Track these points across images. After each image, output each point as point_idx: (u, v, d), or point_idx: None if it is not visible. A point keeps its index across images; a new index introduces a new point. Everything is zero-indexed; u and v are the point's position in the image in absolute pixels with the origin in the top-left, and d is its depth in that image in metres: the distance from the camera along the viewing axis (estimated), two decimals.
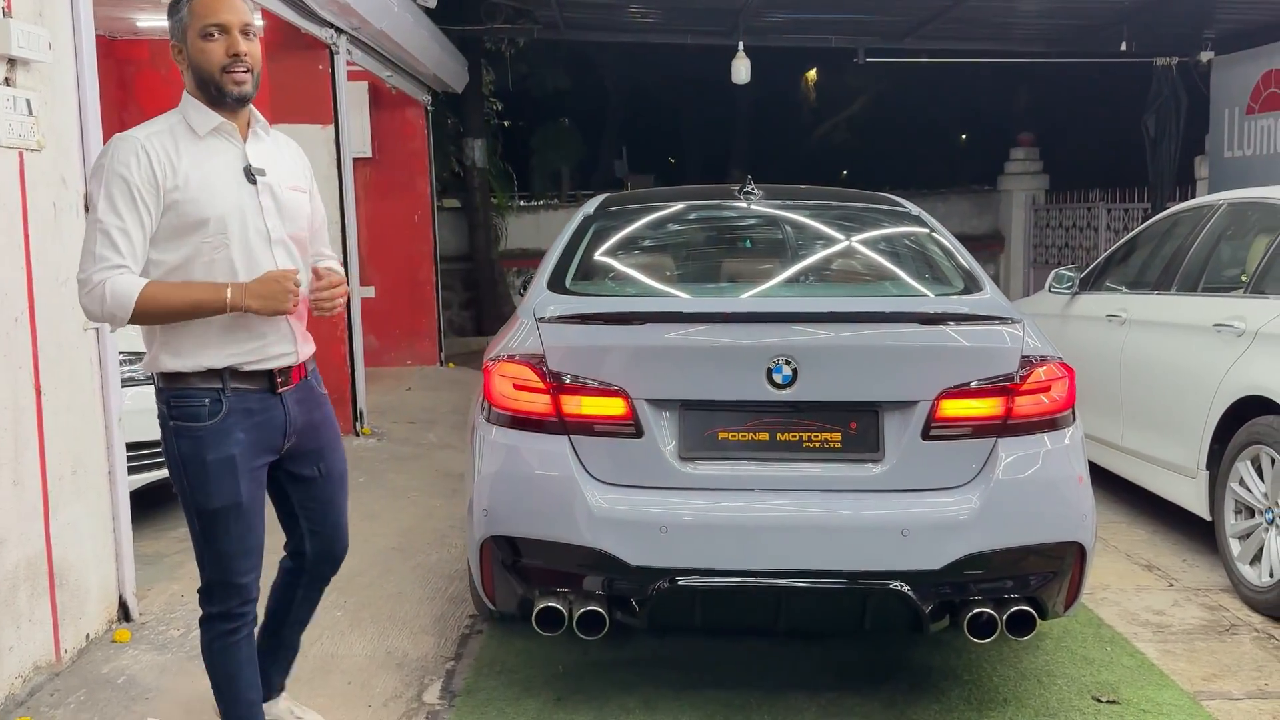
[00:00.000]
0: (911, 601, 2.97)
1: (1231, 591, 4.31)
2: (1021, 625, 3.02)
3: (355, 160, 10.23)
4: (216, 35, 2.53)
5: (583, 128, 22.40)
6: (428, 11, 9.71)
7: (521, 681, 3.53)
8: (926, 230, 4.01)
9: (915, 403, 3.06)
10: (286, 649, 3.07)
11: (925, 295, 3.49)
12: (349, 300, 6.78)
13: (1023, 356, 3.10)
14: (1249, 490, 4.21)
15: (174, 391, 2.57)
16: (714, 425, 3.13)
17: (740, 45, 9.35)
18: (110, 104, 10.70)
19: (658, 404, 3.08)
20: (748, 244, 4.16)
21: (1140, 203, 10.90)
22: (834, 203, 4.28)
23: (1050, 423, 3.12)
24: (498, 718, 3.29)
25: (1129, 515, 5.37)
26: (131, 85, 10.81)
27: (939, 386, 3.05)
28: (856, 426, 3.10)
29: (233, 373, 2.57)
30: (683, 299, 3.48)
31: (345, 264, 7.12)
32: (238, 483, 2.59)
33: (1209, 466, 4.49)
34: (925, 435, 3.06)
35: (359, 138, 10.18)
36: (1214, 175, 9.96)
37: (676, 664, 3.64)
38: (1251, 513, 4.23)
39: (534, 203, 15.51)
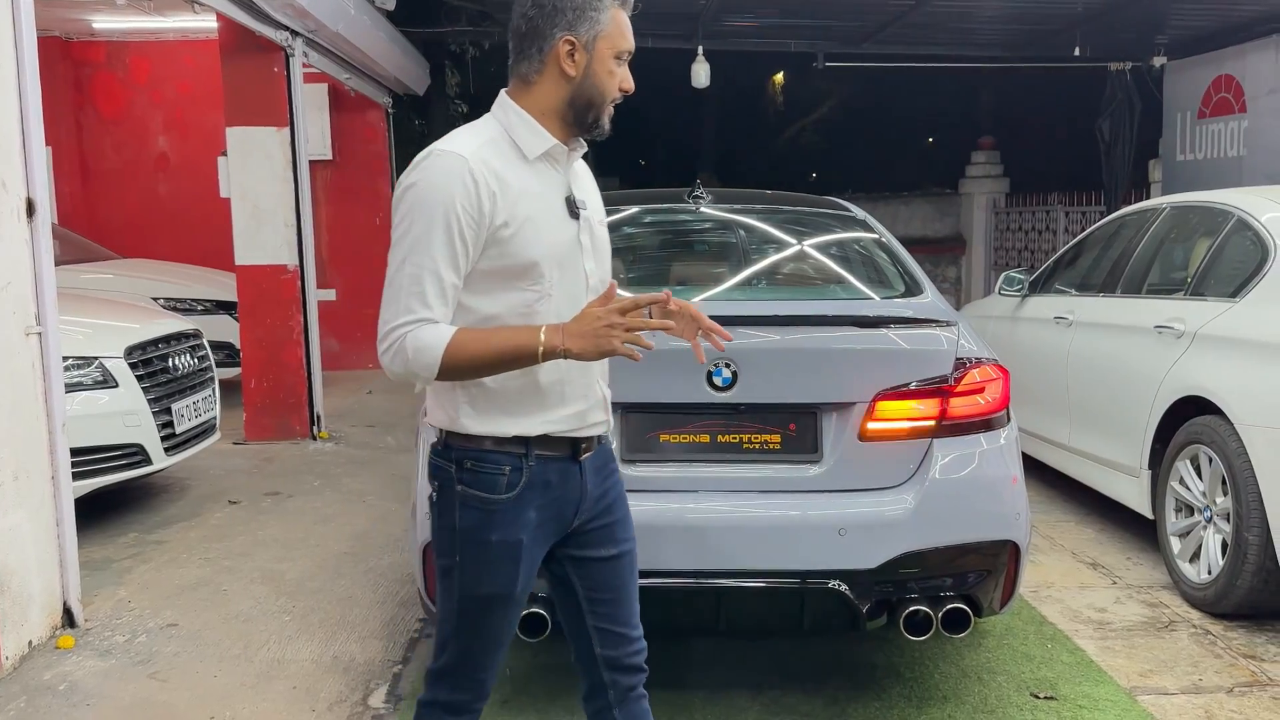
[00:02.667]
0: (849, 600, 3.01)
1: (1173, 589, 4.39)
2: (957, 623, 3.07)
3: (316, 163, 10.22)
4: (624, 61, 2.11)
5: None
6: (388, 14, 9.70)
7: None
8: (871, 234, 4.05)
9: (852, 404, 3.10)
10: None
11: (866, 298, 3.53)
12: (303, 304, 6.78)
13: (957, 359, 3.15)
14: (1188, 489, 4.28)
15: (469, 453, 2.11)
16: (655, 428, 3.16)
17: (699, 49, 9.40)
18: (66, 106, 10.69)
19: None
20: (694, 248, 4.19)
21: (1097, 206, 11.04)
22: (781, 207, 4.32)
23: (985, 423, 3.17)
24: None
25: (1077, 515, 5.45)
26: (88, 87, 10.79)
27: (875, 388, 3.09)
28: (795, 428, 3.14)
29: (540, 440, 2.12)
30: None
31: (302, 266, 7.09)
32: (517, 572, 2.13)
33: (1151, 466, 4.57)
34: (862, 436, 3.10)
35: (319, 140, 10.16)
36: (1167, 178, 10.11)
37: None
38: (1191, 511, 4.30)
39: None
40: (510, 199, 2.00)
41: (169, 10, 7.58)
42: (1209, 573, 4.12)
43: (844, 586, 3.01)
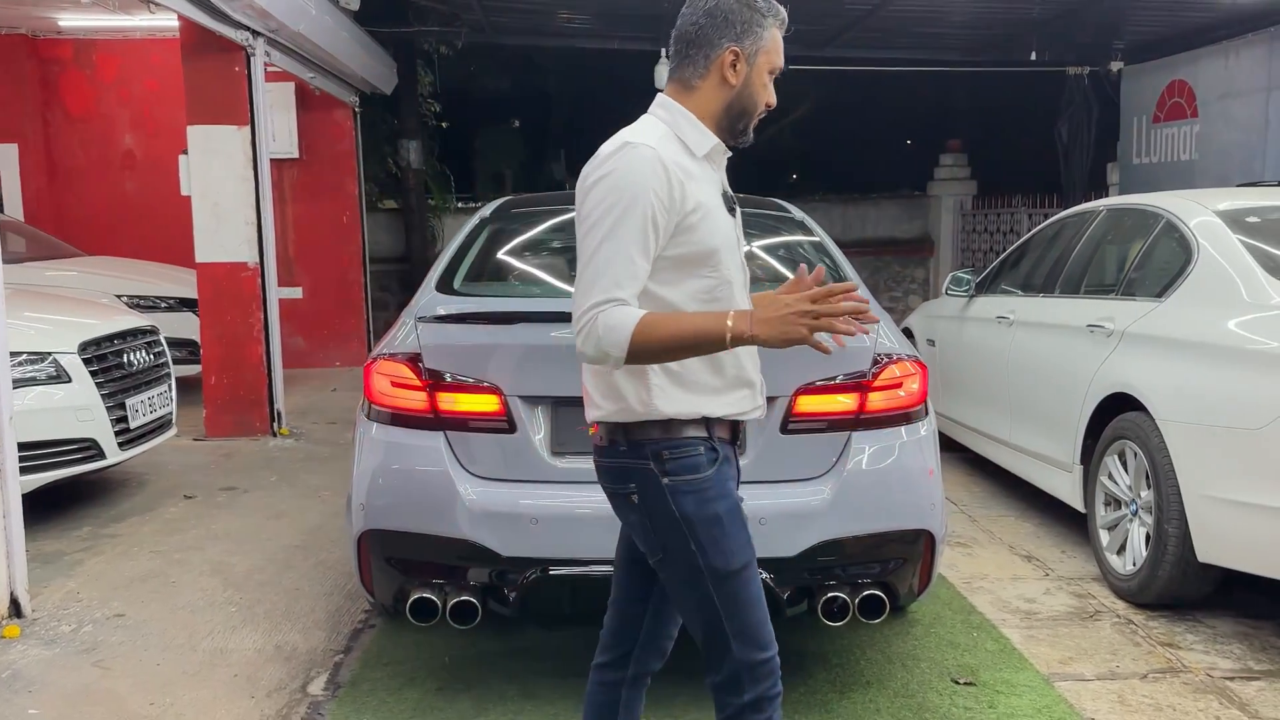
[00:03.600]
0: (769, 587, 3.11)
1: (1101, 581, 4.52)
2: (873, 609, 3.17)
3: (283, 161, 10.30)
4: (773, 78, 2.24)
5: (529, 130, 22.44)
6: (355, 14, 9.75)
7: (406, 673, 3.62)
8: (807, 235, 4.17)
9: (774, 399, 3.20)
10: None
11: None
12: (263, 301, 6.84)
13: (875, 355, 3.25)
14: (1116, 483, 4.41)
15: (662, 444, 2.15)
16: (583, 420, 3.24)
17: (663, 51, 9.49)
18: (33, 103, 10.69)
19: (530, 400, 3.20)
20: None
21: (1057, 208, 11.21)
22: None
23: (902, 417, 3.28)
24: (378, 707, 3.38)
25: (1018, 510, 5.58)
26: (55, 84, 10.80)
27: (796, 383, 3.20)
28: None
29: (717, 422, 2.21)
30: (555, 299, 3.60)
31: (262, 264, 7.15)
32: (749, 534, 2.22)
33: (1083, 461, 4.69)
34: (783, 429, 3.20)
35: (286, 139, 10.21)
36: (1124, 181, 10.29)
37: (559, 653, 3.76)
38: (1119, 505, 4.43)
39: (473, 204, 15.54)
40: (695, 189, 2.10)
41: (133, 9, 7.60)
42: (1134, 564, 4.25)
43: (764, 574, 3.10)
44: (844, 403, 3.23)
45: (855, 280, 3.72)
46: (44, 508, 5.31)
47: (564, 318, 3.29)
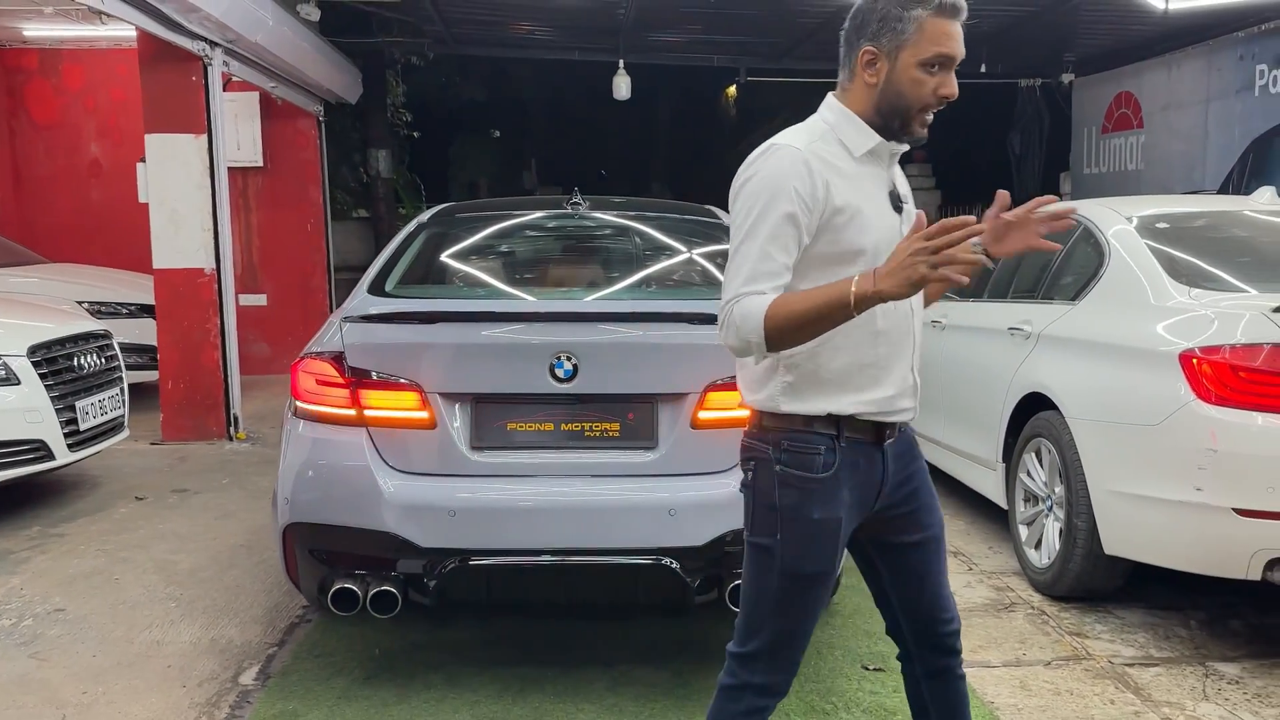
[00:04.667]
0: (679, 576, 3.25)
1: (1021, 574, 4.67)
2: None
3: (247, 170, 10.40)
4: (937, 70, 2.14)
5: (504, 140, 22.58)
6: (320, 24, 9.87)
7: (336, 663, 3.73)
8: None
9: (685, 395, 3.34)
10: None
11: (705, 297, 3.78)
12: (220, 307, 6.94)
13: None
14: (1033, 480, 4.57)
15: (786, 434, 2.19)
16: (504, 417, 3.38)
17: (620, 63, 9.67)
18: (0, 112, 10.71)
19: (451, 397, 3.32)
20: (564, 250, 4.42)
21: None
22: (654, 214, 4.58)
23: None
24: (304, 695, 3.49)
25: (952, 508, 5.72)
26: (20, 94, 10.88)
27: (706, 380, 3.33)
28: (634, 417, 3.38)
29: (850, 421, 2.21)
30: (483, 301, 3.73)
31: (219, 270, 7.25)
32: (837, 549, 2.23)
33: (1005, 459, 4.85)
34: (694, 425, 3.34)
35: (250, 147, 10.31)
36: (1075, 191, 10.51)
37: (486, 644, 3.88)
38: (1036, 501, 4.59)
39: None
40: (844, 189, 2.13)
41: (106, 17, 7.66)
42: (1049, 558, 4.40)
43: (674, 563, 3.24)
44: None
45: None
46: (4, 508, 5.40)
47: (489, 318, 3.46)
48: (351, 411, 3.32)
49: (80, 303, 8.34)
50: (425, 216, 4.50)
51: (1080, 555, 4.15)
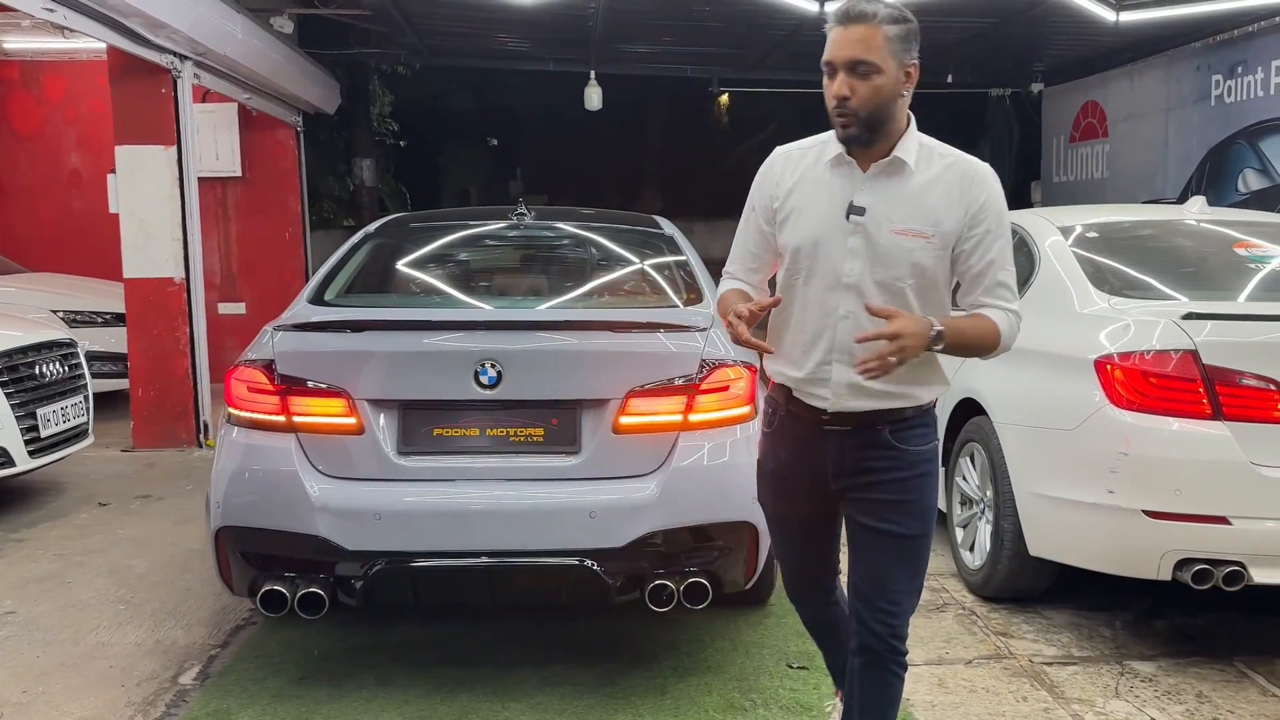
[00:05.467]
0: (600, 577, 3.34)
1: (958, 576, 4.76)
2: (696, 596, 3.40)
3: (226, 180, 10.51)
4: (830, 75, 2.34)
5: (493, 148, 22.71)
6: (299, 35, 10.00)
7: (275, 664, 3.82)
8: (673, 250, 4.42)
9: (607, 400, 3.43)
10: None
11: (632, 306, 3.89)
12: (189, 315, 7.04)
13: (702, 360, 3.49)
14: (968, 483, 4.67)
15: (768, 391, 2.67)
16: (430, 423, 3.47)
17: (592, 74, 9.79)
18: None
19: (378, 404, 3.42)
20: (502, 261, 4.53)
21: None
22: (595, 224, 4.68)
23: (728, 418, 3.51)
24: (240, 695, 3.58)
25: None
26: (2, 104, 10.98)
27: (627, 386, 3.43)
28: (558, 422, 3.47)
29: (790, 394, 2.56)
30: (406, 309, 3.84)
31: (189, 280, 7.35)
32: (774, 494, 2.73)
33: (945, 463, 4.94)
34: (616, 430, 3.43)
35: (229, 157, 10.42)
36: (1045, 199, 10.62)
37: (425, 645, 3.97)
38: (971, 504, 4.68)
39: None
40: (799, 191, 2.43)
41: (70, 32, 7.77)
42: (981, 559, 4.50)
43: (594, 564, 3.34)
44: (673, 405, 3.46)
45: (709, 295, 3.99)
46: None
47: (414, 326, 3.56)
48: (281, 418, 3.41)
49: (56, 311, 8.46)
50: (372, 227, 4.60)
51: (1007, 557, 4.25)
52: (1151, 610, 4.33)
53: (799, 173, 2.45)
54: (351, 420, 3.39)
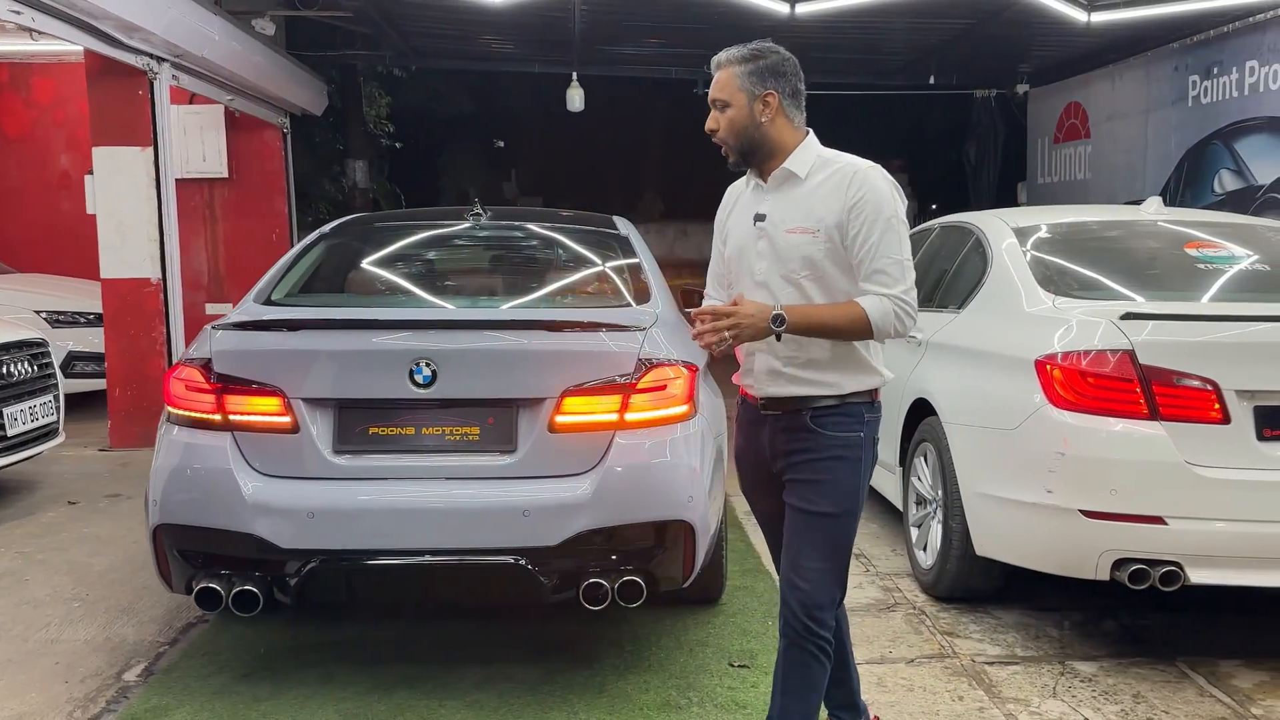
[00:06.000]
0: (533, 575, 3.36)
1: (912, 576, 4.77)
2: (631, 594, 3.40)
3: (213, 181, 10.56)
4: (713, 109, 2.75)
5: (492, 150, 22.78)
6: (289, 37, 10.04)
7: (220, 662, 3.85)
8: (625, 250, 4.43)
9: (543, 400, 3.45)
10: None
11: (579, 306, 3.90)
12: (166, 315, 7.07)
13: (639, 359, 3.49)
14: (921, 482, 4.67)
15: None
16: (366, 422, 3.49)
17: (574, 75, 9.80)
18: None
19: (314, 402, 3.44)
20: (452, 262, 4.55)
21: None
22: (550, 224, 4.70)
23: (665, 417, 3.52)
24: (182, 691, 3.61)
25: (868, 512, 5.81)
26: None
27: (563, 385, 3.44)
28: (494, 421, 3.49)
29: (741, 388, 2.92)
30: (346, 309, 3.86)
31: (165, 280, 7.39)
32: (743, 475, 2.99)
33: (902, 463, 4.95)
34: (551, 429, 3.44)
35: (215, 159, 10.48)
36: (1031, 200, 10.61)
37: (368, 643, 3.99)
38: (925, 503, 4.69)
39: None
40: (731, 213, 2.88)
41: (38, 34, 7.78)
42: (933, 559, 4.50)
43: (528, 563, 3.35)
44: (608, 404, 3.47)
45: (657, 295, 4.01)
46: None
47: (350, 325, 3.58)
48: (217, 416, 3.44)
49: (39, 312, 8.53)
50: (327, 228, 4.63)
51: (956, 556, 4.25)
52: (1102, 611, 4.33)
53: (735, 199, 2.87)
54: (286, 419, 3.41)
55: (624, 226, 4.72)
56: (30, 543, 5.21)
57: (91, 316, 8.67)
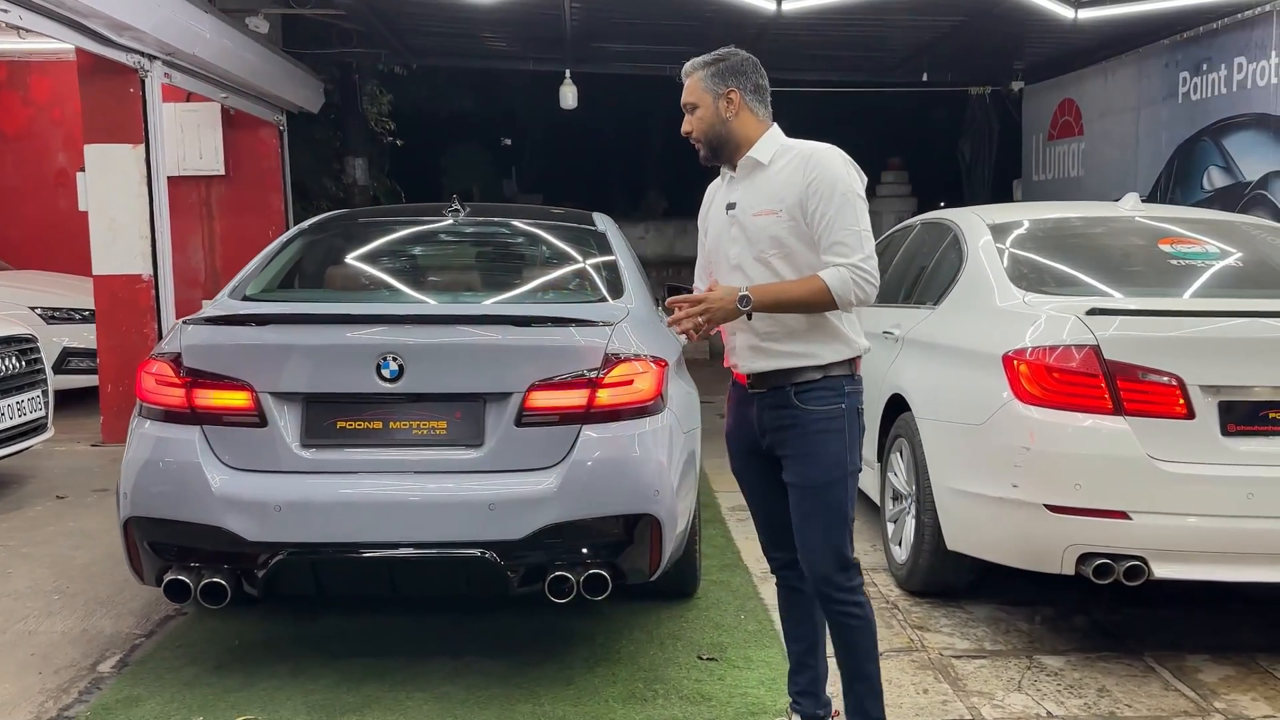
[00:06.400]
0: (498, 568, 3.38)
1: (888, 571, 4.78)
2: (596, 587, 3.43)
3: (210, 178, 10.62)
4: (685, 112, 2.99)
5: (495, 148, 22.83)
6: (285, 35, 10.08)
7: (194, 654, 3.89)
8: (602, 247, 4.45)
9: (510, 394, 3.47)
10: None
11: (549, 301, 3.92)
12: (158, 312, 7.11)
13: (606, 354, 3.52)
14: (897, 477, 4.69)
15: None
16: (333, 415, 3.52)
17: (567, 73, 9.83)
18: None
19: (281, 396, 3.47)
20: (426, 258, 4.58)
21: None
22: (528, 220, 4.73)
23: (633, 411, 3.54)
24: (154, 682, 3.65)
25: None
26: None
27: (529, 380, 3.47)
28: (461, 415, 3.51)
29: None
30: (315, 304, 3.89)
31: (156, 276, 7.44)
32: (729, 446, 3.16)
33: (880, 459, 4.97)
34: (518, 423, 3.47)
35: (212, 156, 10.54)
36: (1026, 197, 10.60)
37: (341, 636, 4.02)
38: (901, 499, 4.70)
39: None
40: (710, 209, 3.08)
41: (25, 32, 7.80)
42: (907, 553, 4.52)
43: (494, 556, 3.38)
44: (575, 398, 3.49)
45: (631, 290, 4.04)
46: None
47: (317, 320, 3.62)
48: (186, 410, 3.47)
49: (34, 308, 8.59)
50: (306, 224, 4.66)
51: (928, 551, 4.27)
52: (1075, 606, 4.34)
53: (712, 196, 3.09)
54: (254, 413, 3.45)
55: (602, 223, 4.74)
56: (15, 536, 5.25)
57: (86, 313, 8.71)
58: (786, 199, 2.85)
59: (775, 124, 2.99)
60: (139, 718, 3.39)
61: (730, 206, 2.96)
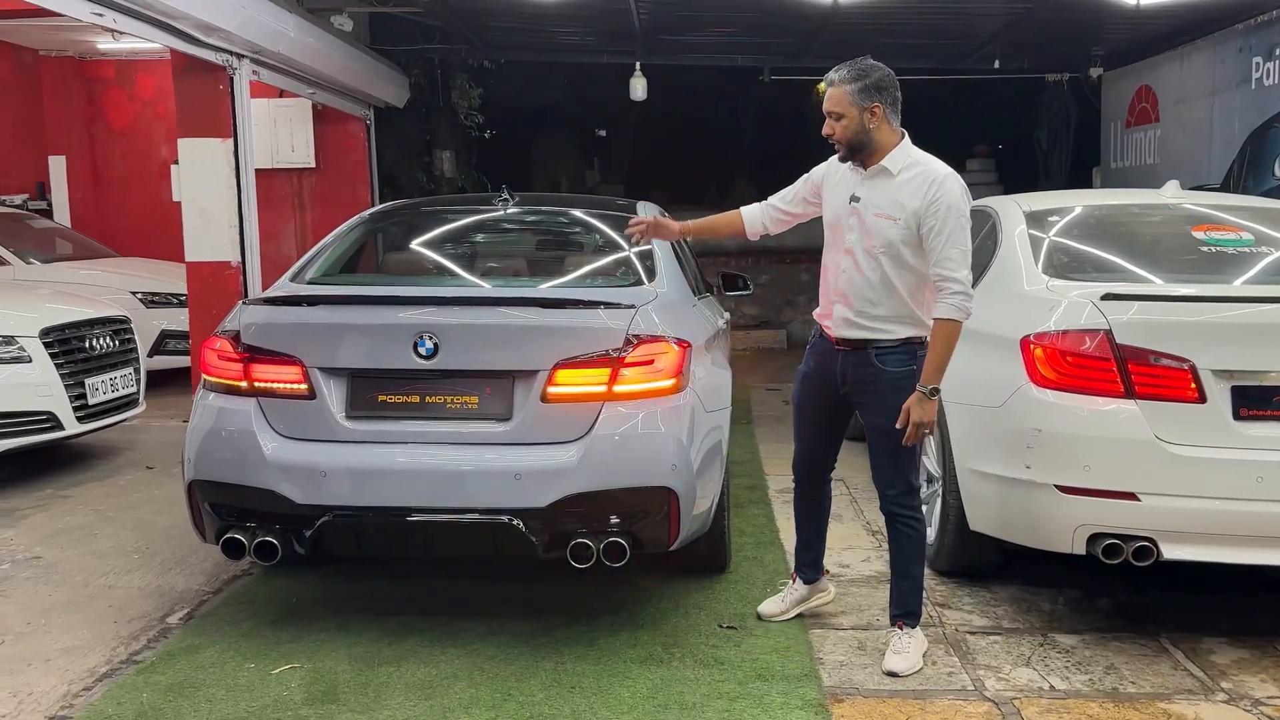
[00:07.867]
0: (523, 533, 3.62)
1: None
2: (614, 554, 3.64)
3: (301, 171, 11.12)
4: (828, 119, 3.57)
5: (585, 140, 23.18)
6: (372, 32, 10.47)
7: (254, 609, 4.21)
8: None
9: (537, 371, 3.70)
10: None
11: (578, 284, 4.14)
12: (246, 295, 7.53)
13: (629, 335, 3.72)
14: (929, 459, 4.77)
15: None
16: (376, 390, 3.80)
17: (637, 65, 10.03)
18: (79, 119, 11.71)
19: (329, 371, 3.76)
20: (474, 244, 4.84)
21: None
22: (573, 210, 4.95)
23: (654, 389, 3.74)
24: (214, 632, 3.98)
25: None
26: (99, 101, 11.83)
27: (555, 358, 3.69)
28: (491, 391, 3.76)
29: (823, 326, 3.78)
30: (364, 287, 4.17)
31: (245, 264, 7.88)
32: (799, 389, 3.92)
33: None
34: (544, 399, 3.69)
35: (303, 150, 11.04)
36: (1104, 185, 10.44)
37: (389, 597, 4.31)
38: (932, 480, 4.79)
39: None
40: (832, 184, 3.70)
41: (119, 34, 8.23)
42: (935, 534, 4.62)
43: (518, 522, 3.61)
44: (598, 376, 3.70)
45: (664, 275, 4.24)
46: (27, 472, 6.10)
47: (361, 301, 3.89)
48: (243, 383, 3.78)
49: (135, 293, 9.15)
50: (367, 214, 4.96)
51: (953, 531, 4.37)
52: (1099, 589, 4.40)
53: (837, 174, 3.68)
54: (304, 386, 3.74)
55: (646, 211, 4.93)
56: (105, 501, 5.69)
57: (183, 297, 9.23)
58: (907, 209, 3.45)
59: (906, 133, 3.58)
60: (197, 664, 3.71)
61: (854, 199, 3.55)
